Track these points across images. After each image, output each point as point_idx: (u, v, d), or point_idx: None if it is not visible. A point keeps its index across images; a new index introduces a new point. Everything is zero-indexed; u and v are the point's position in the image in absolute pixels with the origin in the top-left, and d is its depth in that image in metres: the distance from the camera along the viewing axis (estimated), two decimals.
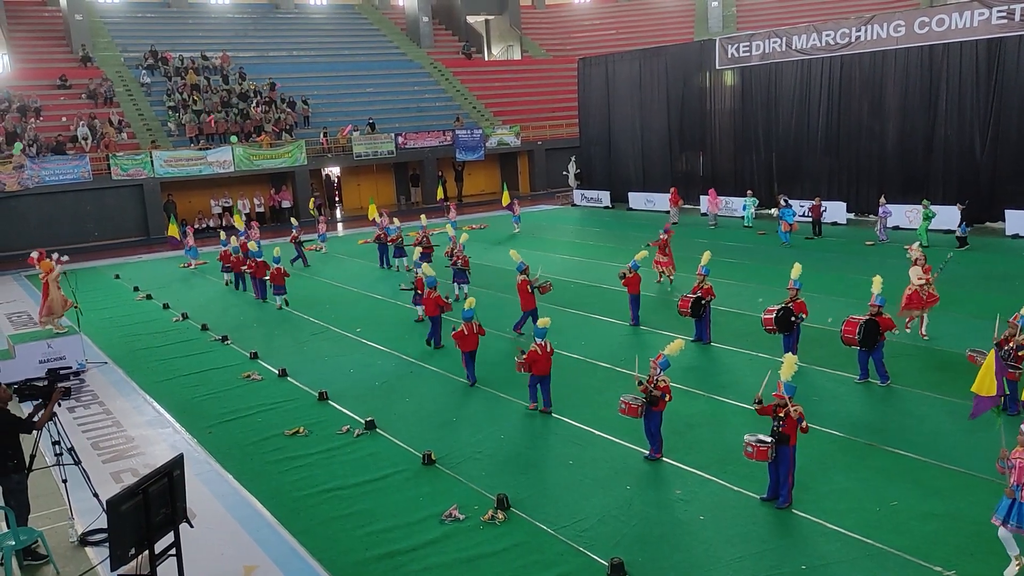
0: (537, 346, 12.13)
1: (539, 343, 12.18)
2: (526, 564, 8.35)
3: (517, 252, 17.39)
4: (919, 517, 8.75)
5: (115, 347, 17.81)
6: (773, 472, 9.23)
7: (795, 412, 8.98)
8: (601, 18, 58.07)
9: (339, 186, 42.32)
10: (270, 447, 11.75)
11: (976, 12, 24.90)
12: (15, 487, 8.84)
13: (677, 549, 8.46)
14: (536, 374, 12.27)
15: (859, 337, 12.35)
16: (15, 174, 31.46)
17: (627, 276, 16.65)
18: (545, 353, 12.16)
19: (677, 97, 34.47)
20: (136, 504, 6.73)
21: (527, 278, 16.35)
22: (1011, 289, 17.88)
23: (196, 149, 35.61)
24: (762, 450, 9.06)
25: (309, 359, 16.00)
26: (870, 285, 12.95)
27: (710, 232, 28.25)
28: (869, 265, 20.42)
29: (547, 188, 43.78)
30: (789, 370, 9.29)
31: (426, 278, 16.36)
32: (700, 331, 15.40)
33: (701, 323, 15.35)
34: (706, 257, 15.80)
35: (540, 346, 12.15)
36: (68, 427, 11.86)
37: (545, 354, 12.16)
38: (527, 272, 16.44)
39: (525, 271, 16.45)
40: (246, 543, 9.11)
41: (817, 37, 29.00)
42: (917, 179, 26.70)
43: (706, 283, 15.27)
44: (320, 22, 50.41)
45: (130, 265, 28.83)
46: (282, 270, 20.53)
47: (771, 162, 31.15)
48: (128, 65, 40.72)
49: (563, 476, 10.26)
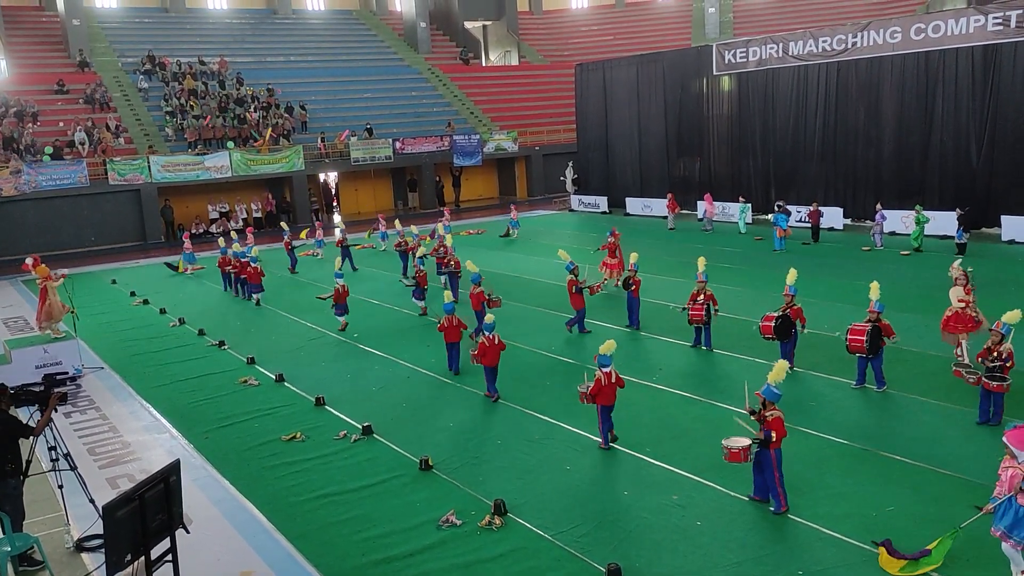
0: (602, 375, 10.80)
1: (603, 371, 10.81)
2: (523, 570, 8.34)
3: (566, 252, 17.57)
4: (916, 522, 8.75)
5: (112, 352, 17.78)
6: (758, 475, 9.27)
7: (771, 416, 8.97)
8: (598, 24, 58.22)
9: (337, 191, 42.35)
10: (267, 452, 11.73)
11: (972, 19, 25.00)
12: (11, 492, 8.81)
13: (674, 554, 8.45)
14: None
15: (867, 345, 12.28)
16: (12, 179, 31.44)
17: (633, 279, 16.75)
18: (610, 383, 10.83)
19: (674, 103, 34.53)
20: (132, 510, 6.72)
21: (574, 278, 16.53)
22: (1008, 295, 17.90)
23: (193, 154, 35.62)
24: (734, 452, 9.11)
25: (306, 364, 15.99)
26: (867, 291, 12.97)
27: (705, 237, 28.30)
28: (866, 271, 20.48)
29: (544, 193, 43.84)
30: (777, 375, 9.22)
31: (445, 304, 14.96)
32: (704, 337, 15.39)
33: (706, 329, 15.34)
34: (701, 263, 15.82)
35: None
36: (64, 432, 11.83)
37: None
38: (576, 272, 16.52)
39: (574, 271, 16.63)
40: (242, 548, 9.09)
41: (814, 43, 29.08)
42: (914, 185, 26.76)
43: (707, 289, 15.26)
44: (318, 27, 50.50)
45: (127, 270, 28.81)
46: (258, 269, 21.71)
47: (768, 168, 31.21)
48: (126, 70, 40.75)
49: (560, 481, 10.25)
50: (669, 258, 23.97)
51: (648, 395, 12.95)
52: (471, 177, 44.46)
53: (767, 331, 13.50)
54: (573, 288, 16.49)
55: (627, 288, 16.88)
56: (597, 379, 10.78)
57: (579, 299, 16.55)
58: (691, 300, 15.23)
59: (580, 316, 16.80)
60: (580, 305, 16.60)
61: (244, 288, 22.57)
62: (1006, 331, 11.04)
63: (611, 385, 10.82)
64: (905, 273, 20.68)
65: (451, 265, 20.36)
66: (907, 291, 18.68)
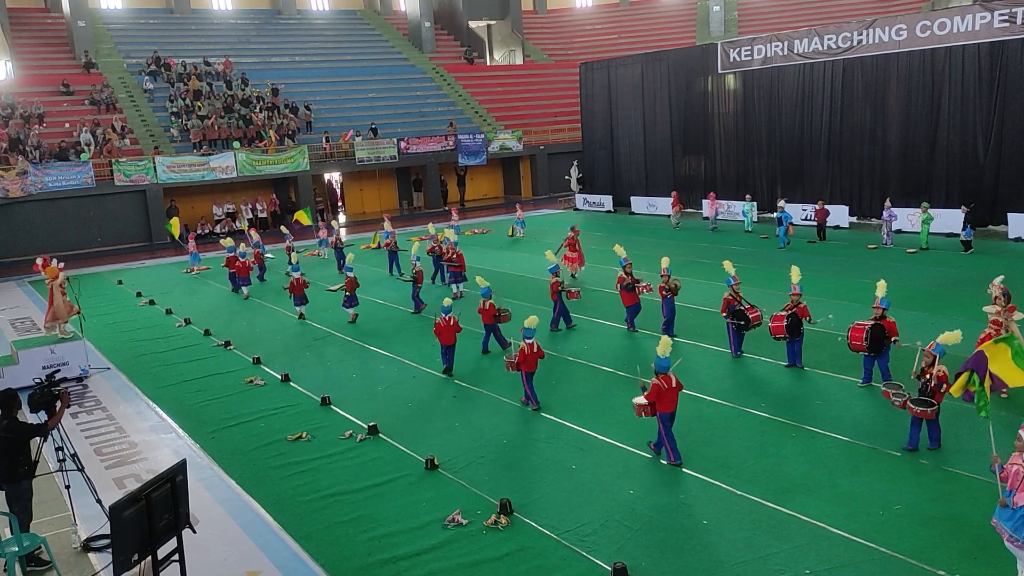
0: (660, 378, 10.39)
1: (526, 343, 12.34)
2: (529, 569, 8.34)
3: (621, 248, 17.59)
4: (923, 521, 8.73)
5: (118, 353, 17.84)
6: None
7: (652, 382, 10.22)
8: (603, 22, 58.14)
9: (341, 192, 42.39)
10: (273, 452, 11.75)
11: (978, 15, 24.89)
12: (23, 493, 8.86)
13: (680, 553, 8.44)
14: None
15: (866, 343, 12.25)
16: (18, 180, 31.54)
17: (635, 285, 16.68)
18: (671, 388, 10.43)
19: (679, 101, 34.49)
20: (139, 510, 6.72)
21: (558, 280, 16.70)
22: (1014, 292, 17.83)
23: (199, 155, 35.69)
24: (640, 407, 10.45)
25: (311, 364, 16.01)
26: (874, 289, 12.91)
27: (711, 236, 28.25)
28: (872, 269, 20.43)
29: (549, 192, 43.81)
30: (663, 348, 10.36)
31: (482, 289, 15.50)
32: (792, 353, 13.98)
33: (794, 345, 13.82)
34: (796, 273, 14.22)
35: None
36: (71, 433, 11.89)
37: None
38: (628, 269, 16.37)
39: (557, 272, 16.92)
40: (249, 548, 9.10)
41: (819, 41, 29.01)
42: (920, 183, 26.68)
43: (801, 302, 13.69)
44: (322, 27, 50.53)
45: (133, 271, 28.89)
46: (247, 263, 22.99)
47: (774, 166, 31.15)
48: (131, 71, 40.84)
49: (566, 481, 10.24)
50: (675, 257, 23.85)
51: None
52: (476, 177, 44.45)
53: (779, 331, 13.42)
54: (620, 285, 16.43)
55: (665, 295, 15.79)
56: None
57: (631, 296, 16.36)
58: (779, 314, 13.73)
59: (634, 311, 16.60)
60: (632, 301, 16.45)
61: (233, 281, 23.44)
62: (939, 352, 10.30)
63: (533, 355, 12.19)
64: (912, 271, 20.60)
65: (453, 260, 20.76)
66: (914, 289, 18.61)
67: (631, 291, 16.34)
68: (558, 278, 16.81)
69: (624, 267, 16.46)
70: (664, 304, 15.89)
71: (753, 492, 9.55)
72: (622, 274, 16.47)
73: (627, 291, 16.36)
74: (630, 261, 16.67)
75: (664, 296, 15.77)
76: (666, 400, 10.23)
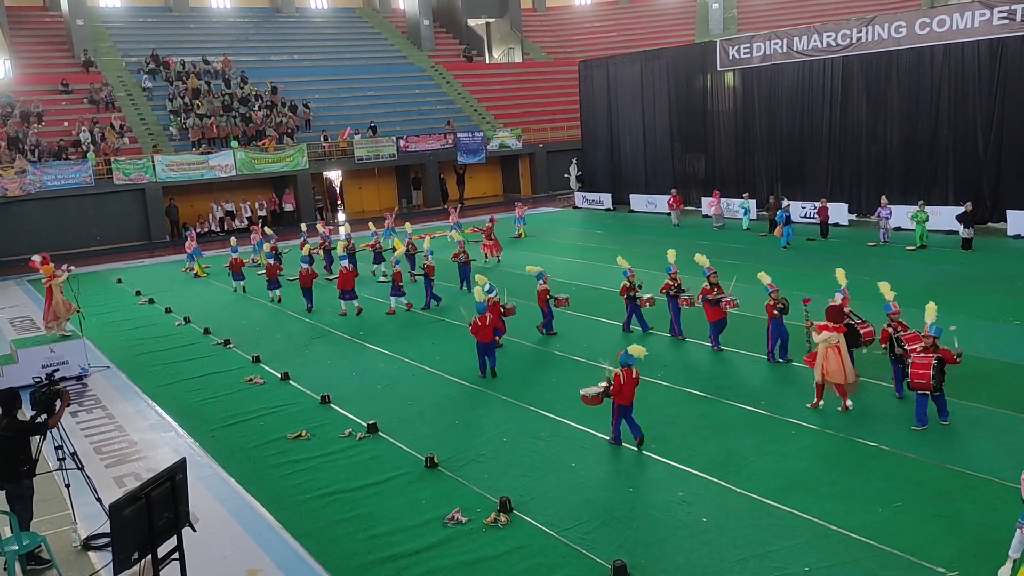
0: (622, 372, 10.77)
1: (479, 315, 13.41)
2: (529, 567, 8.34)
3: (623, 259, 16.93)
4: (922, 518, 8.73)
5: (117, 351, 17.83)
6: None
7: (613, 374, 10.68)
8: (602, 20, 58.08)
9: (341, 190, 42.35)
10: (273, 451, 11.75)
11: (977, 13, 24.88)
12: (24, 492, 8.87)
13: (680, 551, 8.44)
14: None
15: (933, 382, 10.54)
16: (17, 179, 31.51)
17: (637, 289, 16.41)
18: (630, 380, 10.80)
19: (678, 99, 34.47)
20: (139, 508, 6.72)
21: (546, 286, 16.47)
22: (1014, 290, 17.86)
23: (198, 153, 35.65)
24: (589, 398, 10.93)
25: (311, 363, 16.01)
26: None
27: (713, 234, 28.20)
28: (872, 267, 20.42)
29: (549, 190, 43.77)
30: (636, 351, 10.68)
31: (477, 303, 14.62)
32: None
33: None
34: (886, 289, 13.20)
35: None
36: (71, 431, 11.87)
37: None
38: (632, 279, 16.07)
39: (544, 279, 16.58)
40: (249, 547, 9.11)
41: (818, 38, 28.99)
42: (920, 180, 26.67)
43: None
44: (321, 25, 50.48)
45: (132, 269, 28.87)
46: (240, 260, 23.35)
47: (773, 164, 31.13)
48: (130, 70, 40.80)
49: (566, 479, 10.25)
50: (676, 256, 23.82)
51: (654, 392, 12.92)
52: (475, 175, 44.41)
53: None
54: (701, 298, 14.79)
55: (774, 314, 13.91)
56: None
57: (714, 311, 14.71)
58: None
59: (719, 327, 15.02)
60: (716, 316, 14.82)
61: (232, 277, 23.71)
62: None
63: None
64: (911, 269, 20.60)
65: (460, 257, 21.09)
66: (914, 287, 18.58)
67: (715, 305, 14.53)
68: (547, 285, 16.53)
69: (543, 279, 16.26)
70: (772, 325, 13.71)
71: (753, 489, 9.55)
72: (544, 286, 16.28)
73: (712, 305, 14.56)
74: (548, 274, 16.50)
75: (772, 316, 13.64)
76: (626, 392, 10.78)
